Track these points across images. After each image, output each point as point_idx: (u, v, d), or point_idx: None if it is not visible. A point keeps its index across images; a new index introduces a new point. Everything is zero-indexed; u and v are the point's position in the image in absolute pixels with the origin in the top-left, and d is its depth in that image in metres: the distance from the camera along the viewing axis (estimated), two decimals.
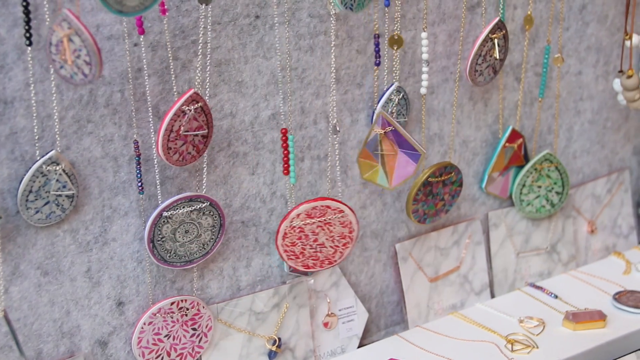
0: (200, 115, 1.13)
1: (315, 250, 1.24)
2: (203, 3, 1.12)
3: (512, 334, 1.38)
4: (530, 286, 1.52)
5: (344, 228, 1.25)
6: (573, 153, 1.59)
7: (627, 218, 1.67)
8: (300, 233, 1.22)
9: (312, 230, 1.23)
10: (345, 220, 1.25)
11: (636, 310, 1.42)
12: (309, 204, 1.21)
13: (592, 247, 1.63)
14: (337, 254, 1.26)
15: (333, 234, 1.25)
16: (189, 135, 1.13)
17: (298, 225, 1.22)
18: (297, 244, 1.23)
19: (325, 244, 1.25)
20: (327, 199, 1.23)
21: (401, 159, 1.30)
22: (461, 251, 1.48)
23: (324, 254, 1.25)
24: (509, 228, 1.53)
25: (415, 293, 1.42)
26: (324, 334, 1.35)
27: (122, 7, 1.01)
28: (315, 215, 1.22)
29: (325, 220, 1.23)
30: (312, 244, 1.24)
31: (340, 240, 1.26)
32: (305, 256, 1.24)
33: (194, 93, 1.12)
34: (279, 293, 1.29)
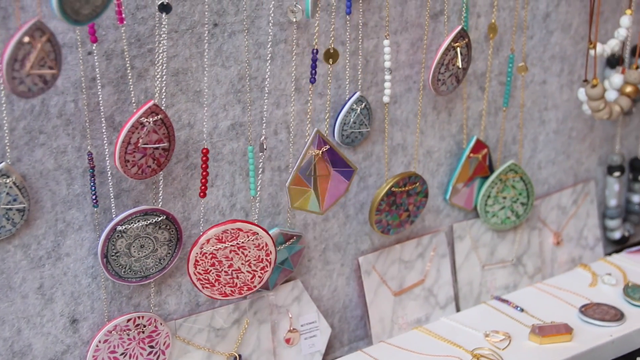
0: (161, 127, 1.10)
1: (231, 277, 1.18)
2: (163, 11, 1.09)
3: (477, 349, 1.35)
4: (496, 299, 1.49)
5: (260, 251, 1.18)
6: (538, 163, 1.57)
7: (593, 229, 1.65)
8: (213, 259, 1.16)
9: (226, 256, 1.16)
10: (260, 242, 1.18)
11: (602, 323, 1.40)
12: (219, 227, 1.15)
13: (558, 259, 1.61)
14: (256, 278, 1.20)
15: (249, 258, 1.18)
16: (149, 148, 1.10)
17: (209, 251, 1.16)
18: (211, 271, 1.16)
19: (242, 269, 1.18)
20: (238, 221, 1.16)
21: (335, 179, 1.25)
22: (426, 264, 1.45)
23: (241, 279, 1.18)
24: (474, 240, 1.51)
25: (379, 307, 1.39)
26: (286, 350, 1.31)
27: (77, 17, 0.97)
28: (227, 239, 1.15)
29: (239, 244, 1.17)
30: (227, 270, 1.17)
31: (258, 264, 1.19)
32: (221, 283, 1.18)
33: (154, 105, 1.08)
34: (239, 308, 1.26)
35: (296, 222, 1.30)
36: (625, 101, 1.48)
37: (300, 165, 1.22)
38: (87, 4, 0.98)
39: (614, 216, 1.66)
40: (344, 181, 1.27)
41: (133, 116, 1.07)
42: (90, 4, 0.98)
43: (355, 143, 1.32)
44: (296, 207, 1.24)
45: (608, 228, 1.68)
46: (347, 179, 1.27)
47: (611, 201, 1.66)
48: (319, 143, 1.23)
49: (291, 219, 1.29)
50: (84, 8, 0.98)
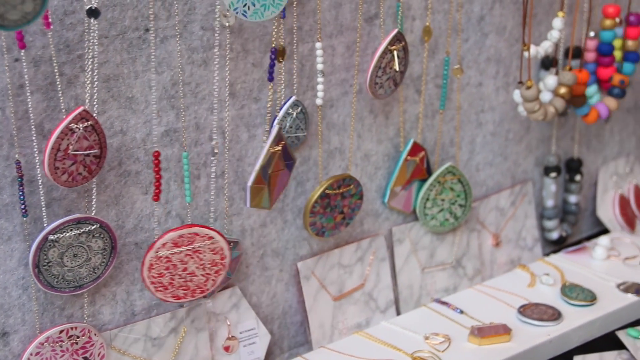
0: (92, 134, 1.08)
1: (185, 280, 1.17)
2: (92, 17, 1.07)
3: (417, 352, 1.35)
4: (436, 302, 1.49)
5: (215, 255, 1.18)
6: (476, 165, 1.58)
7: (531, 230, 1.67)
8: (168, 263, 1.15)
9: (181, 260, 1.16)
10: (215, 247, 1.18)
11: (540, 322, 1.41)
12: (176, 232, 1.14)
13: (498, 261, 1.62)
14: (210, 282, 1.20)
15: (203, 261, 1.18)
16: (79, 155, 1.08)
17: (165, 255, 1.15)
18: (165, 275, 1.16)
19: (196, 272, 1.18)
20: (195, 226, 1.16)
21: (283, 172, 1.26)
22: (365, 268, 1.45)
23: (194, 282, 1.18)
24: (414, 243, 1.51)
25: (319, 313, 1.39)
26: (225, 358, 1.30)
27: (3, 21, 0.95)
28: (182, 243, 1.15)
29: (194, 248, 1.16)
30: (182, 274, 1.17)
31: (212, 268, 1.19)
32: (174, 286, 1.17)
33: (83, 110, 1.06)
34: (176, 317, 1.24)
35: (233, 229, 1.29)
36: (559, 102, 1.50)
37: (263, 164, 1.21)
38: (15, 10, 0.95)
39: (552, 217, 1.68)
40: (288, 173, 1.27)
41: (62, 122, 1.05)
42: (19, 10, 0.95)
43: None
44: (254, 205, 1.23)
45: (546, 228, 1.69)
46: (290, 171, 1.28)
47: (548, 202, 1.67)
48: (279, 140, 1.23)
49: (228, 225, 1.28)
50: (11, 13, 0.95)
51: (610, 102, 1.58)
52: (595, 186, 1.76)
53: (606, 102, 1.58)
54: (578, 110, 1.56)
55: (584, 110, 1.56)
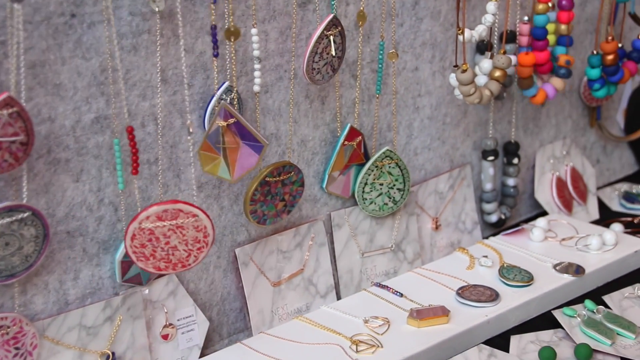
0: (17, 120, 1.07)
1: (167, 253, 1.19)
2: (15, 2, 1.05)
3: (356, 335, 1.35)
4: (376, 286, 1.50)
5: (199, 232, 1.20)
6: (414, 150, 1.58)
7: (470, 214, 1.68)
8: (151, 235, 1.17)
9: (164, 233, 1.18)
10: (199, 224, 1.20)
11: (478, 304, 1.43)
12: (160, 206, 1.16)
13: (437, 244, 1.63)
14: (192, 257, 1.21)
15: (186, 237, 1.19)
16: (4, 142, 1.06)
17: (148, 228, 1.16)
18: (147, 246, 1.17)
19: (178, 247, 1.19)
20: (179, 202, 1.17)
21: (244, 151, 1.27)
22: (304, 254, 1.45)
23: (176, 257, 1.20)
24: (353, 228, 1.51)
25: (258, 299, 1.39)
26: (163, 345, 1.29)
27: None
28: (166, 218, 1.17)
29: (178, 224, 1.18)
30: (164, 247, 1.18)
31: (195, 245, 1.21)
32: (156, 258, 1.19)
33: (8, 97, 1.05)
34: (111, 305, 1.23)
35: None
36: (494, 85, 1.51)
37: (208, 133, 1.24)
38: None
39: (490, 200, 1.69)
40: (254, 154, 1.29)
41: None
42: None
43: None
44: (207, 170, 1.26)
45: (485, 212, 1.71)
46: (258, 153, 1.29)
47: (487, 185, 1.69)
48: (225, 115, 1.24)
49: None
50: None
51: (557, 82, 1.59)
52: (532, 169, 1.78)
53: (553, 83, 1.59)
54: (526, 91, 1.58)
55: (532, 91, 1.58)
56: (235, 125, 1.27)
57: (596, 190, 1.86)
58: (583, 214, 1.80)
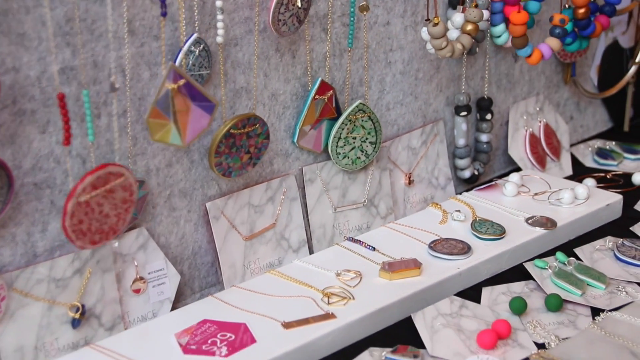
0: None
1: (100, 224, 1.16)
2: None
3: (328, 288, 1.36)
4: (349, 240, 1.50)
5: (125, 192, 1.18)
6: (386, 105, 1.58)
7: (443, 169, 1.68)
8: (87, 208, 1.14)
9: (97, 202, 1.15)
10: (125, 183, 1.17)
11: (450, 257, 1.43)
12: (93, 175, 1.13)
13: (410, 200, 1.63)
14: (120, 221, 1.19)
15: (116, 200, 1.17)
16: None
17: (84, 201, 1.14)
18: (84, 221, 1.14)
19: (110, 213, 1.17)
20: (108, 165, 1.15)
21: (195, 112, 1.24)
22: (276, 208, 1.45)
23: (108, 224, 1.18)
24: (325, 183, 1.51)
25: (229, 253, 1.38)
26: (133, 299, 1.29)
27: None
28: (99, 185, 1.14)
29: (108, 189, 1.16)
30: (98, 217, 1.16)
31: (122, 206, 1.18)
32: (92, 232, 1.16)
33: None
34: (81, 258, 1.22)
35: (138, 169, 1.28)
36: (466, 39, 1.50)
37: (157, 99, 1.20)
38: None
39: (463, 155, 1.69)
40: (206, 115, 1.26)
41: None
42: None
43: None
44: (157, 139, 1.22)
45: (458, 167, 1.71)
46: (209, 113, 1.26)
47: (460, 141, 1.69)
48: (174, 77, 1.21)
49: (132, 165, 1.27)
50: None
51: (553, 42, 1.58)
52: (506, 125, 1.78)
53: (549, 43, 1.58)
54: (520, 51, 1.56)
55: (527, 51, 1.56)
56: (185, 86, 1.22)
57: (569, 147, 1.86)
58: (556, 170, 1.80)
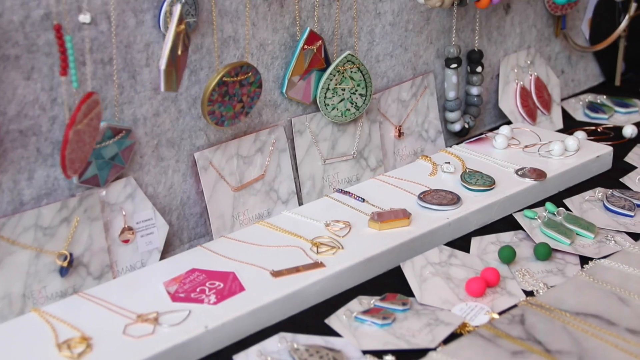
0: None
1: (83, 152, 1.17)
2: None
3: (318, 237, 1.35)
4: (338, 192, 1.50)
5: (98, 120, 1.18)
6: (376, 57, 1.57)
7: (434, 122, 1.67)
8: (78, 137, 1.14)
9: (84, 130, 1.15)
10: (99, 111, 1.18)
11: (439, 207, 1.43)
12: (85, 102, 1.14)
13: (400, 153, 1.63)
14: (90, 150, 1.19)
15: (91, 129, 1.17)
16: None
17: (80, 129, 1.14)
18: (75, 150, 1.15)
19: (88, 142, 1.17)
20: (93, 94, 1.15)
21: (185, 54, 1.24)
22: (265, 159, 1.44)
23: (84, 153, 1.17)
24: (314, 134, 1.50)
25: (218, 203, 1.38)
26: (122, 248, 1.28)
27: None
28: (88, 113, 1.15)
29: (91, 117, 1.16)
30: (83, 148, 1.16)
31: (94, 134, 1.18)
32: (80, 160, 1.16)
33: None
34: (68, 206, 1.22)
35: (125, 117, 1.27)
36: None
37: (172, 46, 1.19)
38: None
39: (453, 108, 1.69)
40: (187, 55, 1.26)
41: None
42: None
43: None
44: (168, 89, 1.21)
45: (448, 120, 1.70)
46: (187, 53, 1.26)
47: (450, 93, 1.68)
48: (179, 20, 1.20)
49: (119, 114, 1.26)
50: None
51: None
52: (497, 79, 1.78)
53: None
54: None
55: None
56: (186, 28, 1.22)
57: (560, 101, 1.86)
58: (547, 123, 1.80)
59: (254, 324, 1.19)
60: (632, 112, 1.86)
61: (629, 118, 1.84)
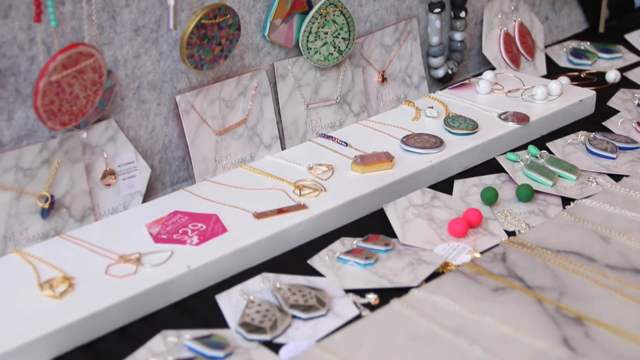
0: None
1: (70, 105, 1.16)
2: None
3: (300, 180, 1.35)
4: (321, 136, 1.49)
5: (95, 74, 1.17)
6: (359, 0, 1.56)
7: (417, 68, 1.67)
8: (58, 88, 1.13)
9: (68, 82, 1.14)
10: (95, 64, 1.17)
11: (422, 150, 1.43)
12: (64, 53, 1.12)
13: (384, 98, 1.62)
14: (90, 103, 1.19)
15: (86, 82, 1.16)
16: None
17: (56, 80, 1.13)
18: (55, 102, 1.14)
19: (80, 95, 1.16)
20: (79, 45, 1.14)
21: None
22: (247, 103, 1.43)
23: (78, 106, 1.17)
24: (297, 79, 1.49)
25: (200, 147, 1.37)
26: (104, 191, 1.28)
27: None
28: (70, 65, 1.13)
29: (79, 69, 1.15)
30: (69, 98, 1.15)
31: (92, 88, 1.18)
32: (62, 113, 1.15)
33: None
34: (48, 148, 1.21)
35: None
36: None
37: None
38: None
39: (437, 54, 1.68)
40: None
41: None
42: None
43: None
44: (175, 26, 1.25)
45: (432, 66, 1.70)
46: None
47: (433, 39, 1.67)
48: None
49: None
50: None
51: None
52: (480, 24, 1.77)
53: None
54: None
55: None
56: None
57: (544, 47, 1.85)
58: (530, 69, 1.80)
59: (237, 264, 1.20)
60: (616, 58, 1.86)
61: (612, 64, 1.84)
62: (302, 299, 1.12)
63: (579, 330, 1.03)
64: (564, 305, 1.07)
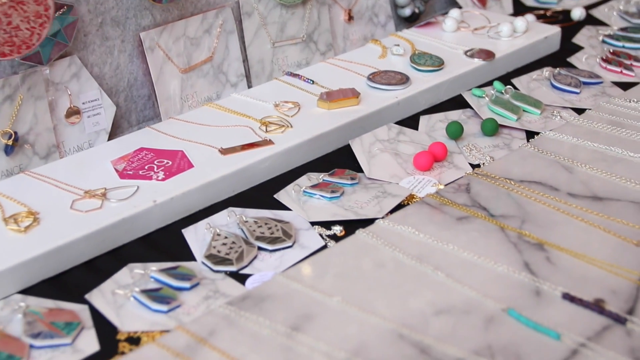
0: None
1: (10, 35, 1.14)
2: None
3: (267, 117, 1.35)
4: (288, 75, 1.49)
5: (39, 6, 1.15)
6: None
7: (384, 6, 1.66)
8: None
9: (4, 12, 1.12)
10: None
11: (388, 87, 1.43)
12: None
13: (350, 37, 1.62)
14: (35, 36, 1.16)
15: (28, 13, 1.14)
16: None
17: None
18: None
19: (21, 26, 1.15)
20: None
21: None
22: (213, 41, 1.43)
23: (20, 38, 1.15)
24: (263, 17, 1.49)
25: (166, 85, 1.37)
26: (68, 128, 1.27)
27: None
28: None
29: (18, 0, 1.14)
30: (6, 28, 1.13)
31: (37, 20, 1.16)
32: (1, 43, 1.14)
33: None
34: (11, 84, 1.20)
35: None
36: None
37: None
38: None
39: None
40: None
41: None
42: None
43: None
44: None
45: (398, 5, 1.69)
46: None
47: None
48: None
49: None
50: None
51: None
52: None
53: None
54: None
55: None
56: None
57: None
58: (497, 8, 1.80)
59: (203, 199, 1.20)
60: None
61: (577, 1, 1.84)
62: (268, 231, 1.13)
63: (540, 255, 1.05)
64: (526, 232, 1.09)
